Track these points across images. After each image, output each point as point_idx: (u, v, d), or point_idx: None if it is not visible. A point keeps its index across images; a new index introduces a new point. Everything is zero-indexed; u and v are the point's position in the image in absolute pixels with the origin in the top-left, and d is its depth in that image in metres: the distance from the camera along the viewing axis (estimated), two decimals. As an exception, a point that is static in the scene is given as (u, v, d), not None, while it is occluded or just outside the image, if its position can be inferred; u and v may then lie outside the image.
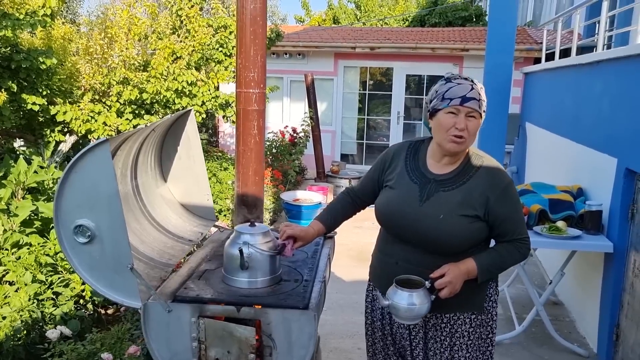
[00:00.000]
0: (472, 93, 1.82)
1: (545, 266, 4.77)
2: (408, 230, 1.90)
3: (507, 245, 1.89)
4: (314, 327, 1.84)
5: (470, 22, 15.19)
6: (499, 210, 1.86)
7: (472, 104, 1.81)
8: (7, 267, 3.50)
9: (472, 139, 1.87)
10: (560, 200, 3.74)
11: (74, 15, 17.84)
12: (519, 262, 1.94)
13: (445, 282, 1.79)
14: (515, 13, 6.54)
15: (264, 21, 2.46)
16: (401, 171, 1.97)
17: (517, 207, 1.92)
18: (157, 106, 6.47)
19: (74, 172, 1.76)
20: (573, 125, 4.55)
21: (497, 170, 1.90)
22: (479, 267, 1.84)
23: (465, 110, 1.81)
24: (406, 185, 1.93)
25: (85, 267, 1.87)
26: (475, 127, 1.84)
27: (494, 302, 2.01)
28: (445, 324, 1.95)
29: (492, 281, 1.99)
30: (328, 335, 3.77)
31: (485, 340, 1.99)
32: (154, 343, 1.92)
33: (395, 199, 1.95)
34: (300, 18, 19.56)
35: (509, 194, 1.88)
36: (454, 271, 1.80)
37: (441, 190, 1.88)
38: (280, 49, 10.46)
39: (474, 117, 1.83)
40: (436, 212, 1.85)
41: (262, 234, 2.02)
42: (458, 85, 1.84)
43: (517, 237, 1.89)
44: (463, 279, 1.82)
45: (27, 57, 5.24)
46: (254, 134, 2.51)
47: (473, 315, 1.95)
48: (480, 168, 1.90)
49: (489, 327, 2.00)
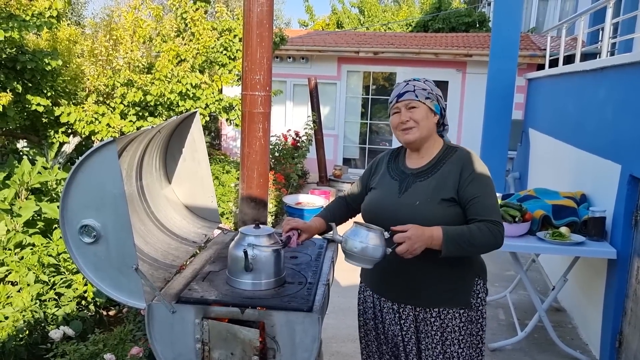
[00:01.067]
0: (406, 87, 2.01)
1: (547, 272, 4.76)
2: (388, 221, 1.95)
3: (478, 224, 1.88)
4: (317, 330, 1.84)
5: (474, 27, 15.21)
6: (469, 190, 1.92)
7: (407, 96, 1.99)
8: (10, 267, 3.50)
9: (424, 126, 1.99)
10: (563, 206, 3.74)
11: (79, 17, 17.90)
12: (491, 244, 1.87)
13: (404, 236, 1.79)
14: (519, 19, 6.55)
15: (270, 24, 2.46)
16: (383, 172, 2.13)
17: (488, 191, 1.94)
18: (161, 108, 6.47)
19: (80, 172, 1.76)
20: (576, 132, 4.55)
21: (469, 156, 2.00)
22: (444, 234, 1.82)
23: (403, 104, 2.00)
24: (387, 184, 2.08)
25: (91, 267, 1.88)
26: (420, 114, 1.98)
27: (483, 300, 2.05)
28: (435, 317, 2.00)
29: (479, 278, 2.03)
30: (330, 339, 3.76)
31: (475, 337, 2.04)
32: (157, 344, 1.92)
33: (377, 195, 2.09)
34: (304, 22, 19.60)
35: (479, 177, 1.94)
36: (417, 230, 1.81)
37: (418, 181, 2.01)
38: (283, 53, 10.48)
39: (415, 107, 1.99)
40: (413, 200, 1.97)
41: (267, 235, 2.02)
42: (395, 88, 2.07)
43: (487, 219, 1.89)
44: (425, 242, 1.80)
45: (32, 59, 5.25)
46: (259, 136, 2.52)
47: (462, 310, 2.00)
48: (454, 155, 2.01)
49: (479, 324, 2.05)
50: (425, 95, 1.99)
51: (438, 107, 2.03)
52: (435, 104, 2.01)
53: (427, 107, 1.99)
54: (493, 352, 3.74)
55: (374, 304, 2.16)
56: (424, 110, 1.98)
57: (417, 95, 1.98)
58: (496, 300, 4.58)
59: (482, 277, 2.06)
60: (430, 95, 2.00)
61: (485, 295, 2.07)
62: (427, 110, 1.99)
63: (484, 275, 2.08)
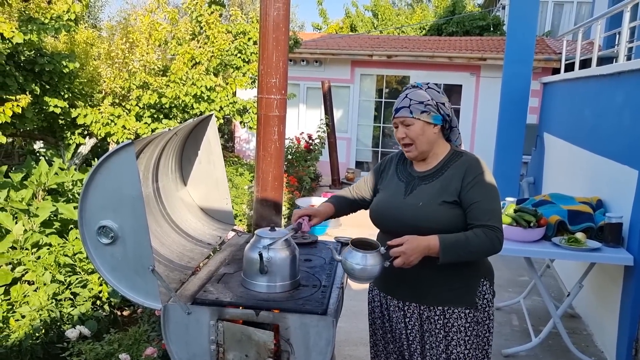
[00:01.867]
0: (403, 102, 2.01)
1: (562, 278, 4.72)
2: (393, 221, 2.04)
3: (475, 230, 1.89)
4: (331, 333, 1.85)
5: (488, 31, 15.14)
6: (470, 194, 1.93)
7: (402, 113, 2.00)
8: (27, 266, 3.55)
9: (422, 142, 2.00)
10: (579, 211, 3.70)
11: (95, 20, 18.11)
12: (488, 249, 1.89)
13: (399, 251, 1.82)
14: (534, 23, 6.51)
15: (286, 28, 2.48)
16: (392, 174, 2.16)
17: (490, 196, 1.94)
18: (176, 111, 6.53)
19: (99, 173, 1.78)
20: (592, 136, 4.51)
21: (474, 160, 2.01)
22: (441, 243, 1.83)
23: (399, 121, 2.01)
24: (395, 185, 2.11)
25: (108, 268, 1.90)
26: (415, 132, 1.99)
27: (489, 302, 2.04)
28: (439, 316, 2.01)
29: (485, 279, 2.03)
30: (342, 343, 3.76)
31: (482, 339, 2.04)
32: (172, 345, 1.93)
33: (384, 196, 2.13)
34: (317, 26, 19.65)
35: (481, 182, 1.95)
36: (411, 242, 1.82)
37: (423, 184, 2.03)
38: (297, 56, 10.51)
39: (410, 125, 1.99)
40: (417, 201, 2.00)
41: (282, 238, 2.03)
42: (397, 99, 2.05)
43: (486, 224, 1.88)
44: (422, 252, 1.82)
45: (50, 61, 5.34)
46: (274, 139, 2.53)
47: (467, 310, 2.00)
48: (459, 160, 2.02)
49: (486, 326, 2.04)
50: (421, 110, 1.97)
51: (438, 117, 2.00)
52: (434, 115, 1.99)
53: (422, 123, 1.98)
54: (507, 358, 3.71)
55: (381, 302, 2.18)
56: (419, 126, 1.98)
57: (412, 112, 1.97)
58: (510, 306, 4.55)
59: (488, 278, 2.06)
60: (427, 108, 1.97)
61: (492, 297, 2.07)
62: (422, 125, 1.98)
63: (491, 277, 2.08)
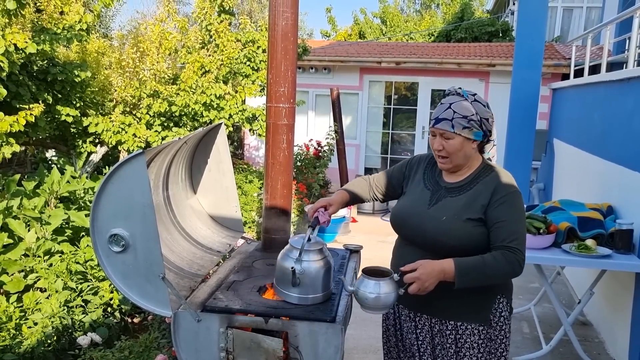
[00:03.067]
0: (446, 114, 1.90)
1: (573, 285, 4.69)
2: (414, 231, 2.00)
3: (494, 253, 1.83)
4: (340, 341, 1.85)
5: (497, 37, 15.11)
6: (495, 213, 1.87)
7: (443, 125, 1.89)
8: (39, 274, 3.59)
9: (457, 157, 1.93)
10: (589, 218, 3.68)
11: (106, 30, 18.32)
12: (507, 274, 1.84)
13: (414, 277, 1.78)
14: (543, 28, 6.50)
15: (294, 37, 2.50)
16: (418, 179, 2.09)
17: (516, 217, 1.87)
18: (186, 119, 6.59)
19: (110, 182, 1.81)
20: (603, 142, 4.49)
21: (504, 178, 1.94)
22: (456, 267, 1.78)
23: (438, 132, 1.92)
24: (420, 192, 2.05)
25: (119, 276, 1.92)
26: (453, 147, 1.91)
27: (505, 319, 1.98)
28: (450, 330, 1.97)
29: (501, 296, 1.97)
30: (352, 350, 3.76)
31: (496, 356, 1.99)
32: (182, 352, 1.95)
33: (408, 202, 2.08)
34: (326, 33, 19.73)
35: (509, 201, 1.87)
36: (425, 267, 1.78)
37: (449, 196, 1.96)
38: (306, 63, 10.56)
39: (449, 138, 1.90)
40: (440, 214, 1.93)
41: (317, 250, 1.96)
42: (440, 105, 1.95)
43: (508, 245, 1.82)
44: (437, 277, 1.78)
45: (62, 70, 5.42)
46: (283, 147, 2.55)
47: (481, 327, 1.95)
48: (489, 176, 1.95)
49: (502, 344, 1.99)
50: (463, 125, 1.88)
51: (480, 133, 1.92)
52: (475, 132, 1.91)
53: (463, 138, 1.89)
54: (517, 365, 3.69)
55: (394, 311, 2.16)
56: (459, 141, 1.90)
57: (454, 126, 1.88)
58: (520, 313, 4.52)
59: (505, 295, 2.00)
60: (470, 124, 1.89)
61: (509, 314, 2.01)
62: (462, 141, 1.90)
63: (508, 294, 2.02)
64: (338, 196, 2.17)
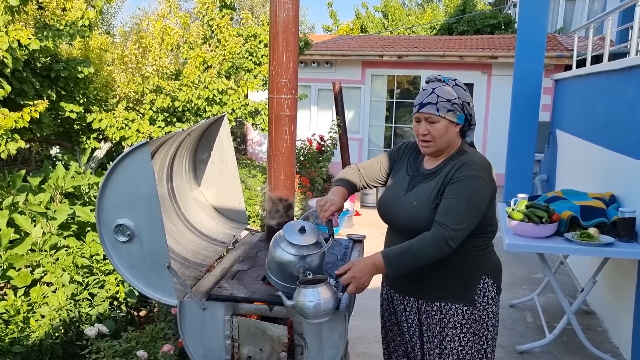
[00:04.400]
0: (430, 98, 1.93)
1: (576, 274, 4.70)
2: (392, 218, 2.06)
3: (425, 233, 1.85)
4: (344, 327, 1.88)
5: (499, 29, 15.07)
6: (447, 190, 1.90)
7: (428, 109, 1.92)
8: (46, 268, 3.62)
9: (442, 141, 1.96)
10: (592, 207, 3.69)
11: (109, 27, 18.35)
12: (434, 252, 1.82)
13: (349, 277, 1.81)
14: (545, 19, 6.48)
15: (296, 28, 2.52)
16: (402, 166, 2.14)
17: (462, 197, 1.86)
18: (189, 114, 6.60)
19: (115, 173, 1.84)
20: (605, 132, 4.49)
21: (470, 162, 1.92)
22: (384, 258, 1.84)
23: (423, 116, 1.95)
24: (400, 180, 2.10)
25: (125, 266, 1.95)
26: (439, 131, 1.93)
27: (491, 300, 2.01)
28: (436, 311, 2.01)
29: (487, 276, 2.00)
30: (356, 340, 3.79)
31: (480, 337, 2.01)
32: (188, 340, 1.98)
33: (388, 190, 2.14)
34: (328, 27, 19.71)
35: (462, 182, 1.87)
36: (358, 265, 1.82)
37: (424, 182, 2.01)
38: (308, 58, 10.56)
39: (434, 122, 1.93)
40: (412, 200, 1.99)
41: (314, 243, 1.95)
42: (422, 91, 1.98)
43: (440, 222, 1.84)
44: (370, 272, 1.82)
45: (66, 67, 5.44)
46: (285, 138, 2.57)
47: (465, 307, 1.98)
48: (458, 159, 1.96)
49: (485, 324, 2.01)
50: (447, 108, 1.91)
51: (462, 117, 1.96)
52: (459, 115, 1.95)
53: (447, 122, 1.93)
54: (521, 354, 3.71)
55: (388, 295, 2.22)
56: (444, 125, 1.93)
57: (439, 109, 1.91)
58: (524, 303, 4.54)
59: (491, 275, 2.02)
60: (454, 107, 1.92)
61: (495, 294, 2.03)
62: (447, 124, 1.93)
63: (494, 274, 2.04)
64: (341, 197, 2.14)
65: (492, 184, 1.93)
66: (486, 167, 1.93)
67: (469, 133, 2.07)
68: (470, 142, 2.09)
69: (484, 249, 2.00)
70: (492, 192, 1.93)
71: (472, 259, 1.97)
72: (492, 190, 1.93)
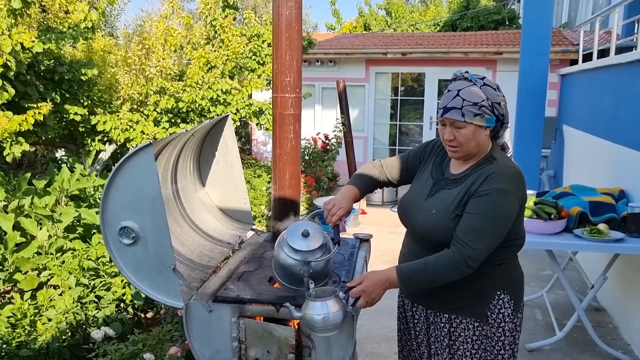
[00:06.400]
0: (454, 102, 1.77)
1: (586, 270, 4.66)
2: (410, 222, 1.96)
3: (444, 250, 1.76)
4: (352, 328, 1.85)
5: (504, 25, 14.98)
6: (471, 204, 1.76)
7: (452, 114, 1.77)
8: (52, 271, 3.62)
9: (469, 146, 1.81)
10: (601, 202, 3.65)
11: (112, 29, 18.39)
12: (452, 274, 1.73)
13: (359, 291, 1.77)
14: (550, 14, 6.43)
15: (299, 27, 2.49)
16: (427, 167, 2.01)
17: (487, 214, 1.73)
18: (193, 115, 6.60)
19: (119, 175, 1.82)
20: (613, 126, 4.44)
21: (498, 173, 1.77)
22: (399, 275, 1.77)
23: (448, 121, 1.80)
24: (424, 181, 1.98)
25: (130, 268, 1.93)
26: (464, 137, 1.79)
27: (507, 317, 1.87)
28: (445, 323, 1.92)
29: (503, 292, 1.86)
30: (364, 340, 3.76)
31: (494, 355, 1.89)
32: (195, 342, 1.96)
33: (410, 193, 2.02)
34: (331, 26, 19.65)
35: (487, 199, 1.73)
36: (370, 279, 1.77)
37: (447, 188, 1.88)
38: (311, 57, 10.53)
39: (460, 127, 1.78)
40: (432, 207, 1.86)
41: (319, 247, 1.92)
42: (447, 92, 1.82)
43: (460, 240, 1.73)
44: (382, 287, 1.77)
45: (69, 69, 5.45)
46: (290, 137, 2.55)
47: (477, 323, 1.87)
48: (486, 167, 1.82)
49: (500, 342, 1.88)
50: (474, 113, 1.75)
51: (492, 119, 1.79)
52: (488, 118, 1.77)
53: (474, 127, 1.77)
54: (531, 352, 3.67)
55: (401, 299, 2.15)
56: (471, 130, 1.77)
57: (464, 114, 1.75)
58: (533, 300, 4.50)
59: (508, 291, 1.87)
60: (482, 110, 1.75)
61: (513, 311, 1.88)
62: (474, 129, 1.77)
63: (513, 290, 1.89)
64: (351, 197, 2.05)
65: (521, 194, 1.79)
66: (514, 177, 1.78)
67: (502, 133, 1.91)
68: (503, 144, 1.94)
69: (501, 264, 1.85)
70: (520, 204, 1.79)
71: (488, 272, 1.83)
72: (521, 201, 1.80)
